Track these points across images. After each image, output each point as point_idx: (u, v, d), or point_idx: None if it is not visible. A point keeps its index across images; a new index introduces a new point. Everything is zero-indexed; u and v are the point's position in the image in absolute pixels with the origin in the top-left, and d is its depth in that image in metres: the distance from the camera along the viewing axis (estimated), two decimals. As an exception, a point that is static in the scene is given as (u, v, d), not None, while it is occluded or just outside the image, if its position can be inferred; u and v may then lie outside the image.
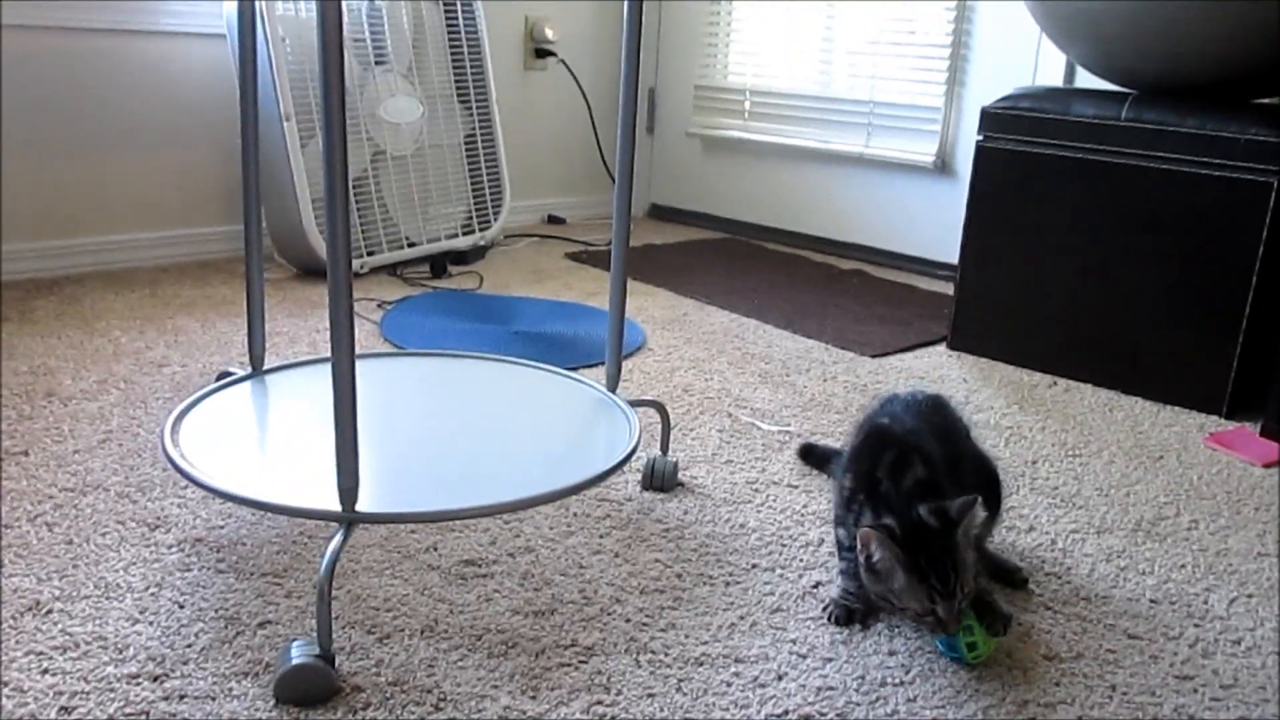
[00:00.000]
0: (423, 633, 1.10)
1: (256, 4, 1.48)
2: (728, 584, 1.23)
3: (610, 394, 1.47)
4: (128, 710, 0.95)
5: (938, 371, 2.07)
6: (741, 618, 1.16)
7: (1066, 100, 2.02)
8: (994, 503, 1.27)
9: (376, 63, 2.51)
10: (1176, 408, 1.93)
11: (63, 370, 1.77)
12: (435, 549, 1.27)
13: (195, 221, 2.60)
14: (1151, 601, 1.25)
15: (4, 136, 2.25)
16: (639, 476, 1.49)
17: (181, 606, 1.11)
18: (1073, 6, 1.95)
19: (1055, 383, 2.04)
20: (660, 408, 1.49)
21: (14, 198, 2.29)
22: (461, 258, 2.72)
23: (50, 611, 1.08)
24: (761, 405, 1.82)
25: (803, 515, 1.42)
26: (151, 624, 1.08)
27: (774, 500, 1.46)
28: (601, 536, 1.32)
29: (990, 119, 2.10)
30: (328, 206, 0.97)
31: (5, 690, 0.96)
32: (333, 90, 0.95)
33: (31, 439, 1.49)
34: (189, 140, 2.54)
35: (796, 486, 1.51)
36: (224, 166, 2.61)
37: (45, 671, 0.99)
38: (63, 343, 1.91)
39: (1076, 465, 1.65)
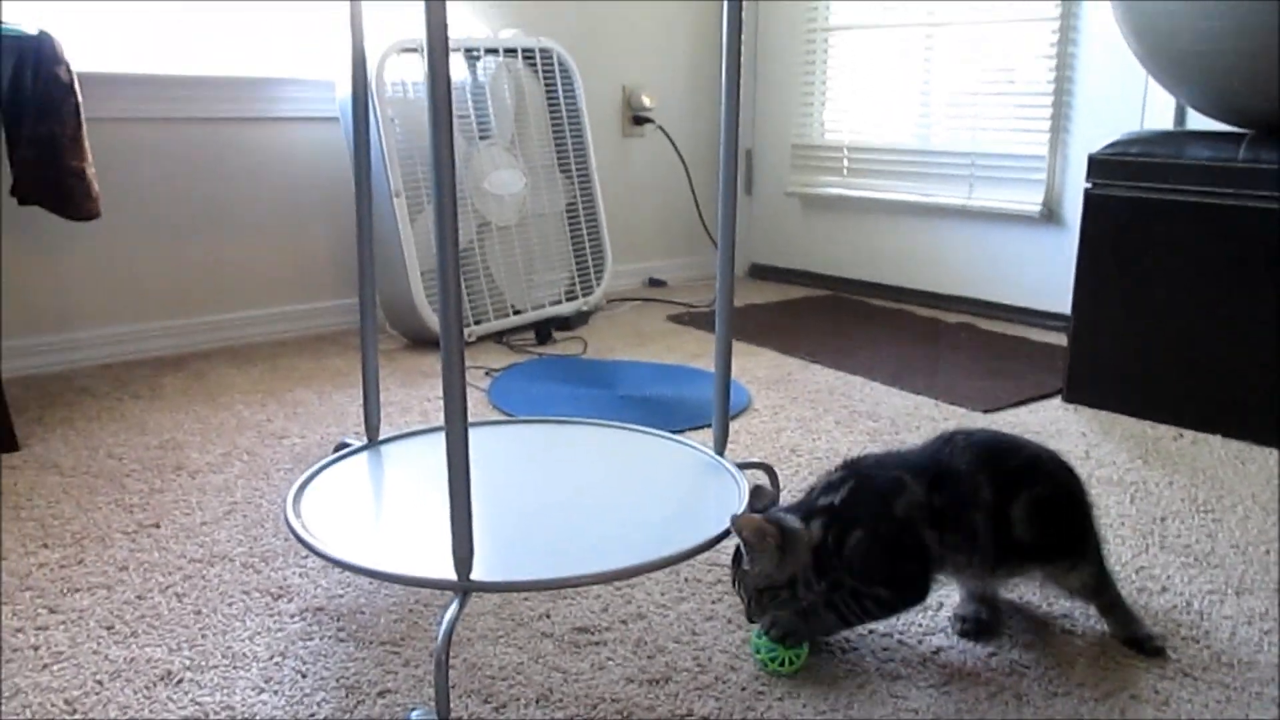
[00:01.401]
0: (538, 701, 1.10)
1: (369, 88, 1.55)
2: (844, 650, 1.20)
3: (718, 456, 1.46)
4: (255, 780, 0.96)
5: (1054, 426, 2.01)
6: (860, 686, 1.13)
7: (1179, 143, 1.97)
8: (1069, 547, 1.20)
9: (480, 137, 2.59)
10: (1315, 458, 1.83)
11: (190, 444, 1.85)
12: (548, 616, 1.27)
13: (309, 296, 2.70)
14: (1301, 667, 1.18)
15: (141, 221, 2.38)
16: (749, 540, 1.48)
17: (304, 676, 1.13)
18: (1183, 49, 1.90)
19: (1181, 435, 1.96)
20: (769, 469, 1.48)
21: (144, 279, 2.42)
22: (565, 323, 2.76)
23: (181, 681, 1.12)
24: (872, 464, 1.79)
25: (920, 578, 1.38)
26: (276, 693, 1.10)
27: (889, 563, 1.42)
28: (714, 602, 1.31)
29: (1099, 166, 2.05)
30: (440, 280, 1.00)
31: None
32: (444, 167, 0.98)
33: (162, 511, 1.56)
34: (302, 218, 2.65)
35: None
36: (336, 242, 2.71)
37: (177, 741, 1.02)
38: (189, 417, 1.99)
39: (1209, 521, 1.57)
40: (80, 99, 1.91)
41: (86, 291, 2.35)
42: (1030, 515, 1.16)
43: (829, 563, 1.13)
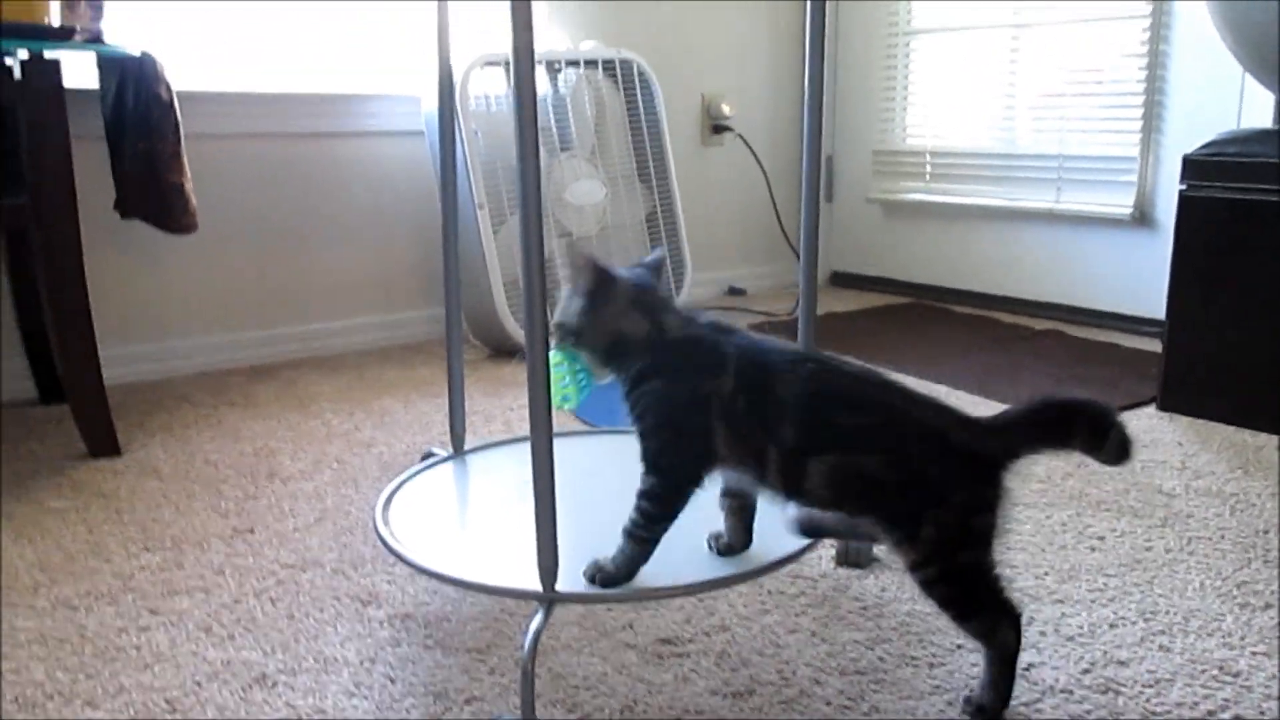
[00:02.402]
0: (622, 713, 1.10)
1: (454, 102, 1.58)
2: (932, 665, 1.18)
3: (801, 467, 1.45)
4: (347, 783, 0.99)
5: (1150, 435, 1.95)
6: (950, 703, 1.11)
7: (1279, 142, 1.90)
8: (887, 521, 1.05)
9: (561, 148, 2.62)
10: None
11: (282, 451, 1.90)
12: (631, 627, 1.28)
13: (395, 306, 2.75)
14: None
15: (235, 234, 2.46)
16: (833, 552, 1.46)
17: (393, 681, 1.15)
18: (1281, 46, 1.84)
19: (1284, 445, 1.89)
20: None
21: (239, 289, 2.49)
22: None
23: (275, 685, 1.15)
24: (957, 475, 1.76)
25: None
26: (367, 698, 1.12)
27: (977, 576, 1.40)
28: (797, 615, 1.30)
29: (1194, 167, 1.99)
30: (525, 290, 1.01)
31: (238, 760, 1.02)
32: (530, 180, 0.99)
33: (256, 517, 1.60)
34: (388, 230, 2.71)
35: (1000, 561, 1.44)
36: (420, 253, 2.76)
37: (273, 743, 1.05)
38: (282, 425, 2.04)
39: (1315, 537, 1.51)
40: (179, 116, 1.97)
41: (184, 302, 2.43)
42: (831, 479, 1.02)
43: (621, 367, 1.12)
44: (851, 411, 1.05)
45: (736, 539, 1.18)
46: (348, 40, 2.61)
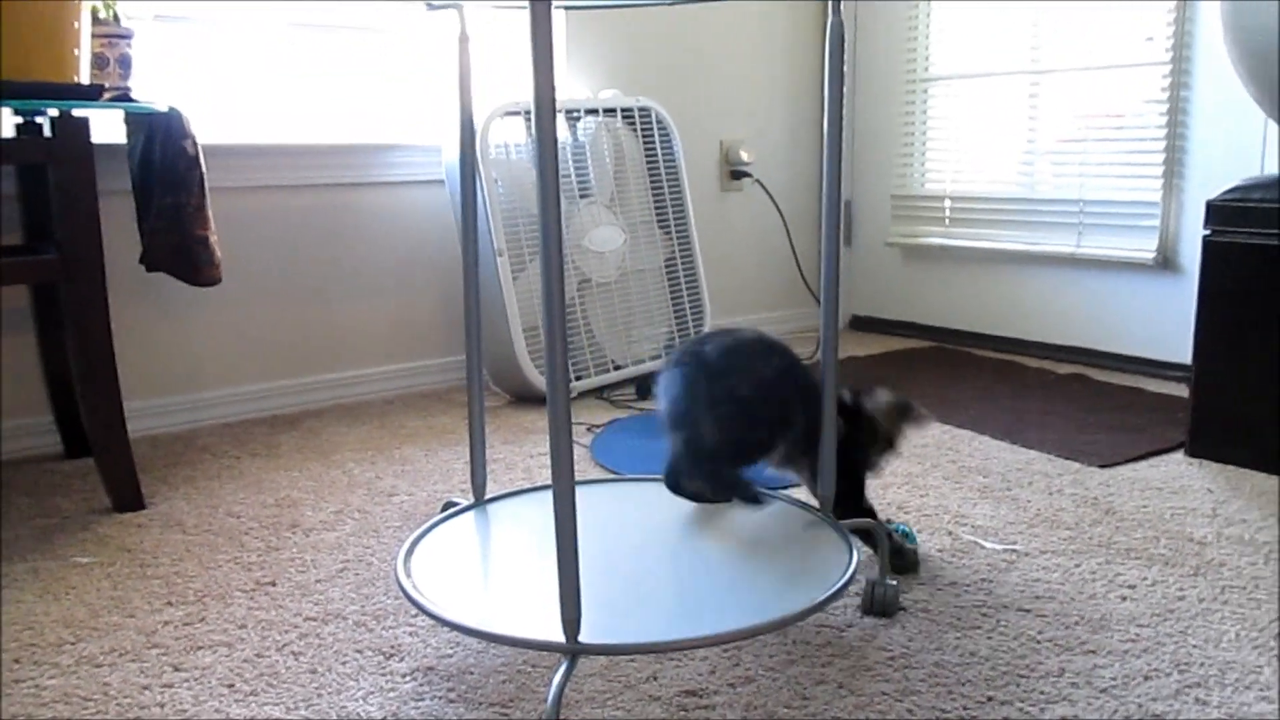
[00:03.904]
0: (648, 768, 1.08)
1: (476, 151, 1.60)
2: (962, 718, 1.16)
3: (825, 515, 1.44)
4: (369, 843, 0.97)
5: (1178, 482, 1.93)
6: (981, 758, 1.09)
7: (1303, 187, 1.89)
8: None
9: (581, 195, 2.63)
10: None
11: (305, 502, 1.90)
12: (655, 678, 1.26)
13: (416, 354, 2.76)
14: None
15: (258, 285, 2.48)
16: (858, 601, 1.45)
17: (416, 737, 1.14)
18: (1302, 89, 1.84)
19: (1316, 490, 1.86)
20: (875, 529, 1.45)
21: (261, 340, 2.51)
22: (666, 378, 2.76)
23: (298, 740, 1.14)
24: (983, 522, 1.74)
25: (1038, 642, 1.33)
26: (389, 754, 1.11)
27: (1005, 625, 1.38)
28: (824, 666, 1.28)
29: (1217, 212, 1.98)
30: (546, 337, 1.01)
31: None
32: (551, 228, 1.00)
33: (278, 570, 1.60)
34: (409, 278, 2.73)
35: (1029, 610, 1.42)
36: (441, 301, 2.78)
37: (294, 801, 1.03)
38: (304, 475, 2.05)
39: (1352, 585, 1.48)
40: (204, 170, 2.00)
41: (208, 353, 2.44)
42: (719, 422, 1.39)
43: None
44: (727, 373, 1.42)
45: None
46: (369, 91, 2.64)
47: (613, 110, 2.72)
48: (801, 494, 1.61)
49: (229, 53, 2.43)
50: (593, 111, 2.68)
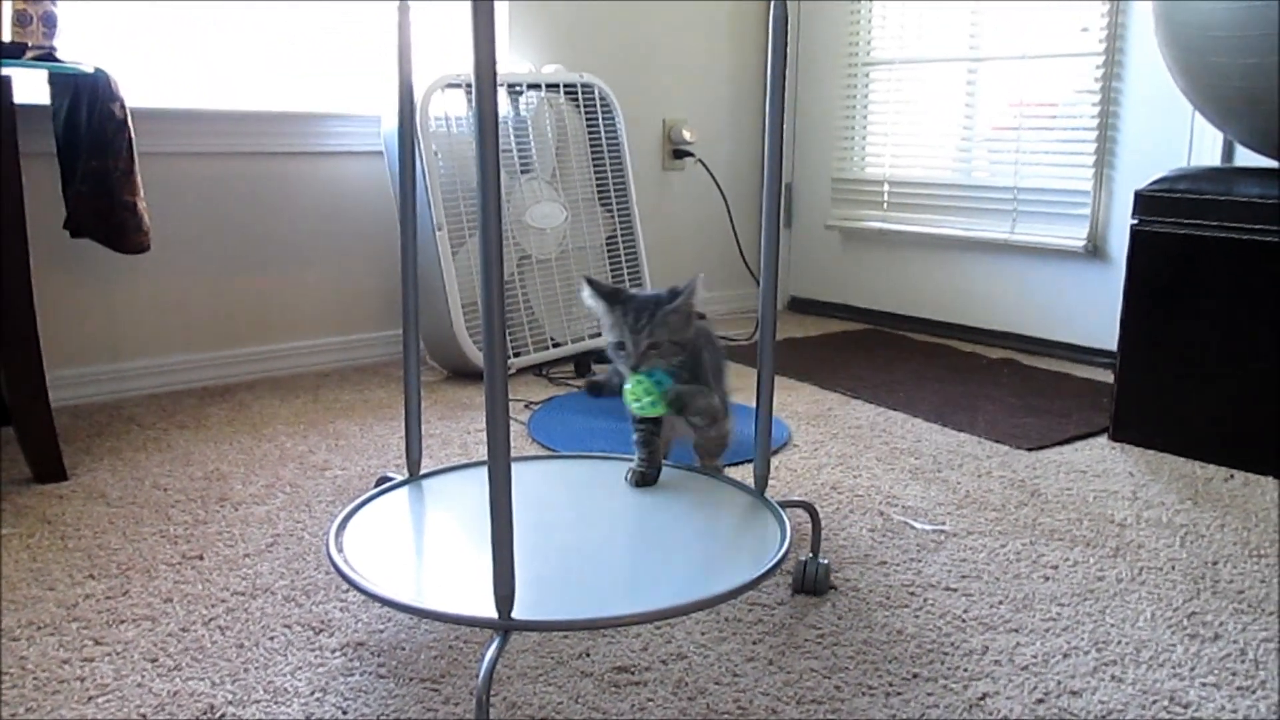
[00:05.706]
0: (578, 743, 1.09)
1: (416, 123, 1.57)
2: (888, 695, 1.18)
3: (759, 495, 1.45)
4: (295, 818, 0.96)
5: (1101, 465, 1.98)
6: (905, 733, 1.11)
7: (1228, 180, 1.94)
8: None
9: (522, 171, 2.61)
10: (1372, 502, 1.79)
11: (234, 475, 1.86)
12: (588, 654, 1.26)
13: (351, 328, 2.72)
14: (1362, 721, 1.15)
15: (189, 254, 2.42)
16: (790, 579, 1.46)
17: (345, 713, 1.13)
18: (1232, 87, 1.88)
19: (1232, 475, 1.92)
20: (810, 508, 1.47)
21: (192, 310, 2.45)
22: (605, 357, 2.76)
23: (223, 717, 1.12)
24: (913, 503, 1.77)
25: (964, 620, 1.36)
26: (317, 730, 1.10)
27: (932, 604, 1.40)
28: (754, 643, 1.30)
29: (1145, 202, 2.03)
30: (484, 312, 1.00)
31: (182, 795, 0.99)
32: (489, 201, 0.98)
33: (206, 543, 1.57)
34: (345, 251, 2.68)
35: (955, 589, 1.45)
36: (378, 275, 2.74)
37: (219, 777, 1.02)
38: (234, 448, 2.01)
39: (1263, 566, 1.54)
40: (133, 134, 1.95)
41: (135, 323, 2.39)
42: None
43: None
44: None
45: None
46: (307, 58, 2.59)
47: (555, 86, 2.70)
48: (736, 473, 1.62)
49: (161, 13, 2.36)
50: (535, 86, 2.66)
